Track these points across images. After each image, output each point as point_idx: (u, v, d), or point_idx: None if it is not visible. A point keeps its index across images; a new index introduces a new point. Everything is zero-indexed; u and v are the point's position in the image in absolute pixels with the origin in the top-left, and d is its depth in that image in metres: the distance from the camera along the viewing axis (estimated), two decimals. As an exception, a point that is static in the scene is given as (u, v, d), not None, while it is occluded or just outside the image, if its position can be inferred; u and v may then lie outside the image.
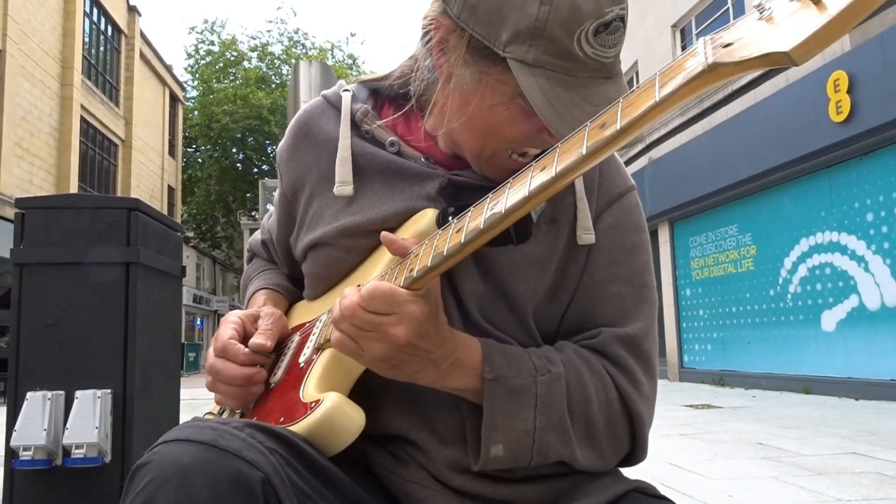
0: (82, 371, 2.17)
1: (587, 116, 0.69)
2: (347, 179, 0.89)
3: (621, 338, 0.84)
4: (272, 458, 0.65)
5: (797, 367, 9.16)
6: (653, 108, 0.54)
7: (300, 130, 0.98)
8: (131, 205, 2.28)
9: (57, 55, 17.66)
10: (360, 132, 0.92)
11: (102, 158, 20.93)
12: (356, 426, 0.75)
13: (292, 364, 0.88)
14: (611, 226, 0.89)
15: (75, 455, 2.06)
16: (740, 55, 0.48)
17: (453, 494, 0.80)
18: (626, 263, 0.88)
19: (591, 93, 0.74)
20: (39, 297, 2.18)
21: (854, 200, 8.27)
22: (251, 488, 0.61)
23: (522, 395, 0.75)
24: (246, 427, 0.67)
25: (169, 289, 2.59)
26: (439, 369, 0.73)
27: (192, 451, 0.61)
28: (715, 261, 11.32)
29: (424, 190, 0.86)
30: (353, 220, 0.88)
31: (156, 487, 0.59)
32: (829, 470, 3.84)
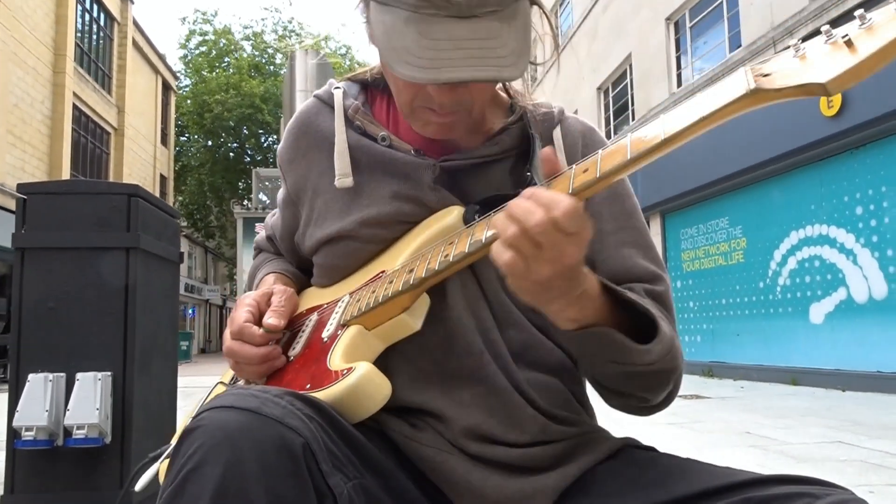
0: (83, 354, 2.21)
1: (419, 49, 0.73)
2: (347, 171, 0.93)
3: (652, 293, 0.90)
4: (310, 424, 0.67)
5: (785, 358, 9.27)
6: (697, 123, 0.61)
7: (298, 131, 1.01)
8: (131, 191, 2.32)
9: (49, 42, 17.53)
10: (354, 127, 0.96)
11: (94, 146, 20.83)
12: (383, 395, 0.78)
13: (313, 339, 0.91)
14: (607, 196, 0.95)
15: (76, 435, 2.10)
16: (780, 83, 0.56)
17: (468, 459, 0.84)
18: (631, 226, 0.95)
19: (430, 29, 0.74)
20: (40, 281, 2.21)
21: (844, 194, 8.36)
22: (294, 453, 0.63)
23: (664, 337, 0.80)
24: (285, 395, 0.70)
25: (167, 274, 2.63)
26: (570, 298, 0.73)
27: (238, 417, 0.63)
28: (706, 253, 11.41)
29: (421, 180, 0.90)
30: (370, 212, 0.91)
31: (206, 451, 0.61)
32: (815, 458, 3.92)
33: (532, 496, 0.82)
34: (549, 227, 0.65)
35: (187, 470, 0.61)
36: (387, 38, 0.76)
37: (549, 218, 0.65)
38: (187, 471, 0.61)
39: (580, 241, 0.68)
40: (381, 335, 0.86)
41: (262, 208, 15.38)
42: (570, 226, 0.66)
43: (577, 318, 0.76)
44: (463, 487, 0.83)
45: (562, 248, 0.67)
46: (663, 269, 0.95)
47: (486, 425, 0.85)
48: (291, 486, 0.63)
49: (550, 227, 0.65)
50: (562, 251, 0.67)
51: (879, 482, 3.25)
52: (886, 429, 4.95)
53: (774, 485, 0.69)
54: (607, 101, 16.00)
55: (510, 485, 0.82)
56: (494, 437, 0.86)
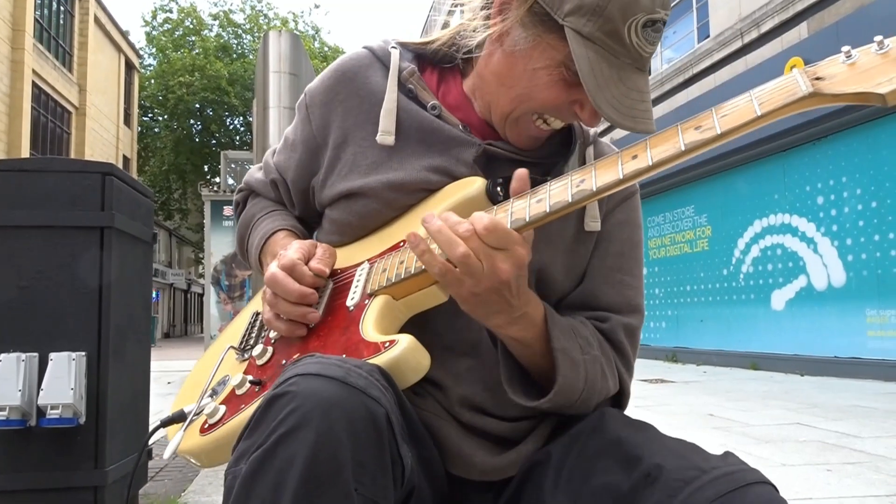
0: (56, 334, 2.17)
1: (621, 95, 0.81)
2: (391, 129, 0.94)
3: (625, 326, 0.96)
4: (387, 395, 0.70)
5: (747, 344, 9.52)
6: (752, 121, 0.64)
7: (344, 76, 1.00)
8: (105, 169, 2.27)
9: (7, 17, 16.97)
10: (405, 90, 0.97)
11: (55, 125, 20.28)
12: (424, 366, 0.80)
13: (336, 307, 0.91)
14: (622, 221, 1.00)
15: (50, 415, 2.07)
16: (838, 90, 0.59)
17: (461, 428, 0.90)
18: (632, 256, 1.00)
19: (627, 76, 0.83)
20: (12, 261, 2.17)
21: (806, 184, 8.57)
22: (378, 423, 0.65)
23: (577, 368, 0.85)
24: (364, 365, 0.72)
25: (141, 255, 2.59)
26: (511, 316, 0.80)
27: (327, 386, 0.65)
28: (672, 240, 11.61)
29: (461, 156, 0.92)
30: (397, 176, 0.93)
31: (301, 416, 0.63)
32: (775, 438, 4.05)
33: (513, 463, 0.88)
34: (475, 238, 0.75)
35: (280, 434, 0.63)
36: (593, 76, 0.81)
37: (471, 230, 0.75)
38: (280, 434, 0.63)
39: (511, 259, 0.75)
40: (409, 304, 0.87)
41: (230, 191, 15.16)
42: (494, 241, 0.74)
43: (518, 337, 0.83)
44: (454, 454, 0.88)
45: (493, 262, 0.74)
46: (642, 303, 1.01)
47: (479, 397, 0.90)
48: (374, 455, 0.65)
49: (475, 238, 0.75)
50: (493, 265, 0.75)
51: (836, 461, 3.38)
52: (842, 411, 5.13)
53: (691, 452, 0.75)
54: (577, 89, 16.10)
55: (497, 458, 0.88)
56: (486, 408, 0.91)
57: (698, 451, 0.75)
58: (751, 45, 9.24)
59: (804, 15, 8.34)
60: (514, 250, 0.75)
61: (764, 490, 0.67)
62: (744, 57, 9.35)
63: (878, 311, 7.51)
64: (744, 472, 0.69)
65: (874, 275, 7.57)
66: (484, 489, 0.90)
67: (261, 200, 1.15)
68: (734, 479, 0.67)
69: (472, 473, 0.89)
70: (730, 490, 0.66)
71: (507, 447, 0.90)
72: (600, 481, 0.75)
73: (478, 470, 0.88)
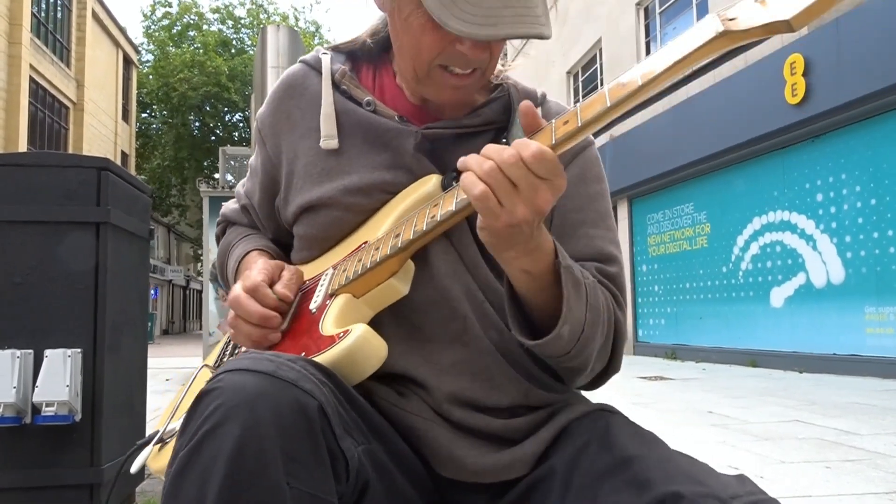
0: (52, 330, 2.16)
1: (472, 7, 0.76)
2: (332, 133, 0.94)
3: (599, 270, 0.93)
4: (323, 388, 0.68)
5: (746, 341, 9.52)
6: (672, 67, 0.63)
7: (283, 93, 1.02)
8: (101, 164, 2.26)
9: (4, 11, 16.91)
10: (340, 91, 0.97)
11: (53, 121, 20.23)
12: (380, 356, 0.79)
13: (301, 312, 0.91)
14: (576, 176, 0.97)
15: (46, 413, 2.06)
16: (746, 25, 0.59)
17: (451, 428, 0.86)
18: (592, 209, 0.98)
19: None
20: (6, 256, 2.15)
21: (805, 181, 8.56)
22: (309, 415, 0.64)
23: (580, 288, 0.81)
24: (298, 360, 0.71)
25: (137, 250, 2.57)
26: (527, 247, 0.76)
27: (254, 380, 0.64)
28: (671, 238, 11.60)
29: (402, 146, 0.92)
30: (352, 180, 0.92)
31: (225, 412, 0.62)
32: (773, 436, 4.05)
33: (511, 465, 0.84)
34: (521, 165, 0.69)
35: (204, 431, 0.62)
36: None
37: (519, 155, 0.69)
38: (204, 431, 0.62)
39: (553, 188, 0.71)
40: (370, 301, 0.87)
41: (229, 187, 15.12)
42: (539, 168, 0.69)
43: (528, 268, 0.79)
44: (445, 457, 0.85)
45: (536, 190, 0.70)
46: (619, 252, 0.98)
47: (468, 391, 0.87)
48: (306, 448, 0.64)
49: (522, 164, 0.69)
50: (536, 193, 0.70)
51: (835, 458, 3.37)
52: (841, 408, 5.13)
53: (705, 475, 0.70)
54: (577, 86, 16.07)
55: (489, 458, 0.84)
56: (476, 402, 0.87)
57: (714, 476, 0.71)
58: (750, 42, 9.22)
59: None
60: (556, 180, 0.71)
61: None
62: (743, 54, 9.32)
63: (876, 309, 7.51)
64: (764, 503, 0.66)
65: (873, 272, 7.57)
66: (479, 490, 0.86)
67: (237, 228, 1.16)
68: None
69: (463, 475, 0.84)
70: None
71: (501, 446, 0.86)
72: (610, 502, 0.72)
73: (469, 471, 0.84)
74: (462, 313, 0.89)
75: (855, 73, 7.30)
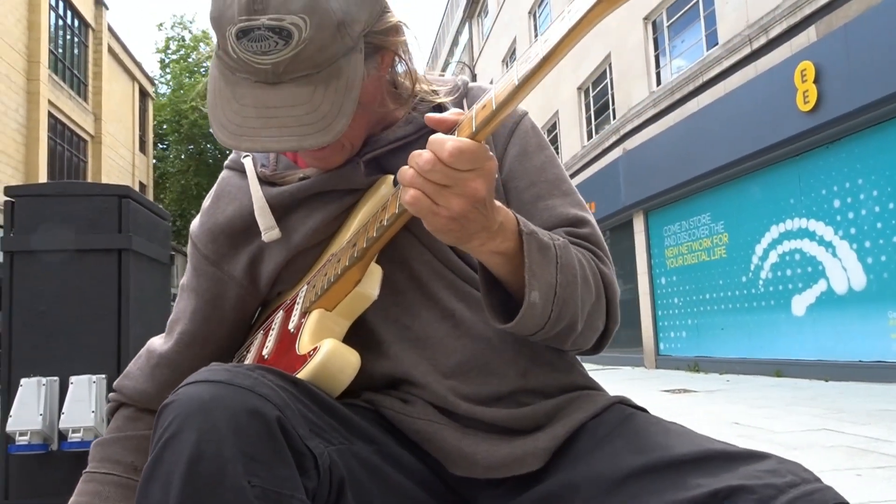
0: (76, 357, 2.19)
1: (231, 114, 0.78)
2: (271, 224, 0.95)
3: (575, 234, 0.93)
4: (282, 393, 0.71)
5: (769, 351, 9.39)
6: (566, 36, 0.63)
7: (217, 199, 1.02)
8: (122, 192, 2.30)
9: (22, 49, 17.29)
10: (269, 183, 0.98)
11: (71, 154, 20.57)
12: (353, 366, 0.83)
13: (282, 333, 0.94)
14: (517, 153, 0.98)
15: (72, 439, 2.08)
16: None
17: (458, 427, 0.86)
18: (544, 180, 0.97)
19: (242, 92, 0.79)
20: (31, 285, 2.19)
21: (822, 188, 8.49)
22: (266, 417, 0.66)
23: (548, 251, 0.80)
24: (257, 369, 0.73)
25: (159, 276, 2.61)
26: (490, 231, 0.76)
27: (210, 388, 0.67)
28: (689, 249, 11.52)
29: (352, 179, 0.93)
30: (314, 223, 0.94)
31: (182, 421, 0.65)
32: (802, 445, 3.98)
33: (522, 459, 0.83)
34: (440, 167, 0.69)
35: (164, 439, 0.65)
36: (212, 95, 0.81)
37: (435, 158, 0.69)
38: (164, 440, 0.65)
39: (483, 175, 0.71)
40: (343, 312, 0.89)
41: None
42: (458, 163, 0.69)
43: (500, 249, 0.79)
44: (456, 455, 0.85)
45: (465, 182, 0.70)
46: (586, 211, 0.97)
47: (466, 382, 0.88)
48: (266, 448, 0.66)
49: (441, 166, 0.69)
50: (466, 184, 0.70)
51: (866, 465, 3.30)
52: (870, 415, 5.03)
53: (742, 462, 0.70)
54: (588, 101, 16.11)
55: (500, 450, 0.84)
56: (478, 393, 0.88)
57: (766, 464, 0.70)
58: (760, 51, 9.21)
59: (812, 18, 8.30)
60: (484, 166, 0.71)
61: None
62: (753, 63, 9.31)
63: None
64: (823, 492, 0.66)
65: (895, 276, 7.46)
66: (494, 486, 0.86)
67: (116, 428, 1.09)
68: (814, 500, 0.64)
69: (476, 471, 0.84)
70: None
71: (510, 438, 0.85)
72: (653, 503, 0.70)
73: (481, 467, 0.84)
74: (451, 310, 0.90)
75: (866, 78, 7.25)
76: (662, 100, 11.76)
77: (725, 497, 0.66)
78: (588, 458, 0.81)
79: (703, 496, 0.67)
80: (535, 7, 19.13)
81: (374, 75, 0.88)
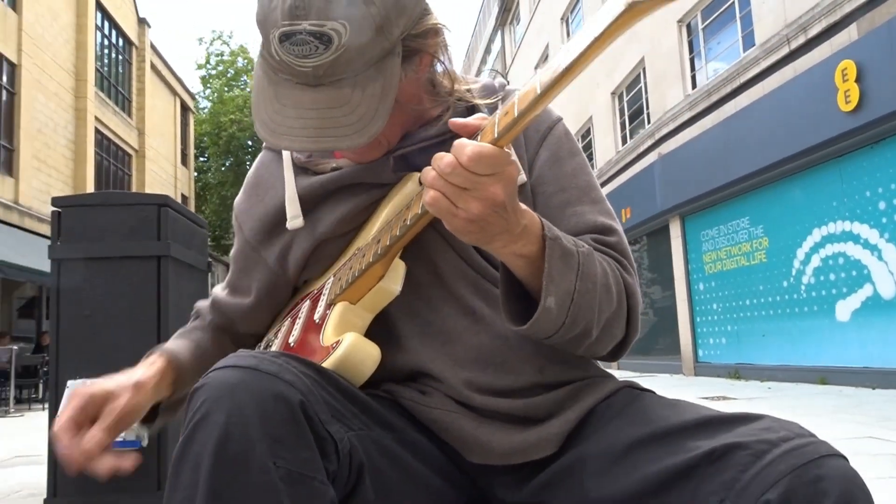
0: (118, 359, 2.26)
1: (272, 113, 0.82)
2: (296, 213, 0.99)
3: (602, 242, 0.94)
4: (306, 380, 0.74)
5: (813, 358, 9.15)
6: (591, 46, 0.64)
7: (255, 181, 1.07)
8: (160, 201, 2.38)
9: (70, 68, 17.93)
10: (307, 172, 1.01)
11: (117, 168, 21.20)
12: (373, 359, 0.86)
13: (308, 323, 0.97)
14: (548, 158, 0.99)
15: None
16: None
17: (475, 416, 0.89)
18: (574, 186, 0.98)
19: (283, 93, 0.83)
20: (76, 291, 2.28)
21: (865, 189, 8.27)
22: (290, 402, 0.69)
23: (570, 258, 0.82)
24: (281, 356, 0.76)
25: (196, 282, 2.69)
26: (513, 234, 0.78)
27: (237, 374, 0.70)
28: (727, 254, 11.32)
29: (381, 176, 0.96)
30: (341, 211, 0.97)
31: (211, 404, 0.68)
32: (846, 452, 3.85)
33: (537, 444, 0.86)
34: (460, 170, 0.72)
35: (195, 421, 0.68)
36: (255, 93, 0.84)
37: (455, 161, 0.72)
38: (195, 422, 0.68)
39: (503, 180, 0.73)
40: (366, 306, 0.92)
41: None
42: (478, 167, 0.72)
43: (523, 252, 0.81)
44: (472, 443, 0.88)
45: (485, 186, 0.72)
46: (614, 220, 0.98)
47: (483, 377, 0.90)
48: (289, 431, 0.69)
49: (461, 169, 0.72)
50: (485, 188, 0.73)
51: (912, 473, 3.21)
52: (918, 423, 4.88)
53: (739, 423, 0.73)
54: (622, 106, 15.99)
55: (515, 437, 0.86)
56: (493, 386, 0.90)
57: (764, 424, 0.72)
58: (798, 51, 9.04)
59: (853, 16, 8.11)
60: (504, 171, 0.73)
61: (837, 463, 0.66)
62: (792, 63, 9.14)
63: (952, 318, 7.15)
64: (815, 445, 0.68)
65: (945, 280, 7.23)
66: (509, 472, 0.88)
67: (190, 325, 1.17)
68: (806, 451, 0.66)
69: (493, 458, 0.87)
70: (803, 463, 0.65)
71: (525, 427, 0.88)
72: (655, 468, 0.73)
73: (497, 454, 0.86)
74: (471, 306, 0.92)
75: (911, 76, 7.07)
76: (698, 103, 11.62)
77: (721, 455, 0.69)
78: (595, 435, 0.84)
79: (700, 456, 0.70)
80: (567, 13, 19.09)
81: (411, 76, 0.91)
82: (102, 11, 20.21)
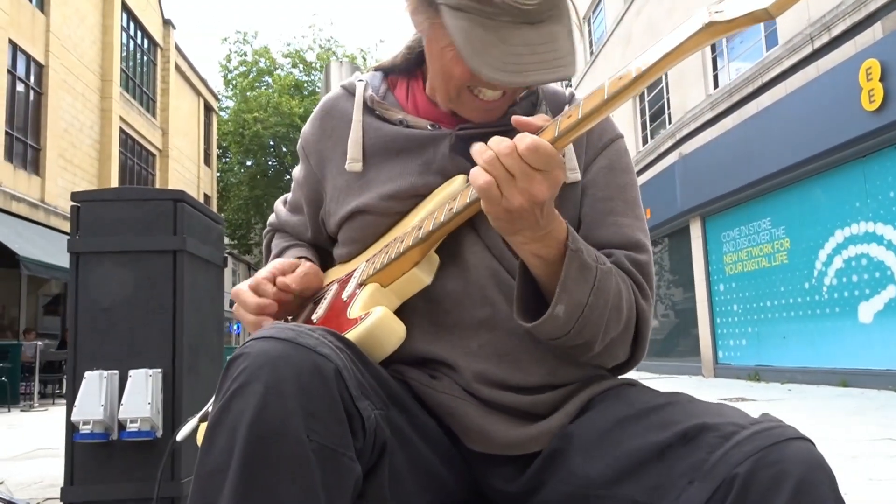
0: (134, 352, 2.32)
1: (503, 55, 0.83)
2: (357, 157, 1.02)
3: (628, 258, 0.96)
4: (341, 354, 0.75)
5: (834, 360, 9.02)
6: (664, 59, 0.68)
7: (325, 114, 1.11)
8: (177, 196, 2.43)
9: (97, 69, 18.22)
10: (374, 115, 1.04)
11: (141, 168, 21.50)
12: (398, 336, 0.87)
13: (335, 301, 0.99)
14: (604, 167, 1.02)
15: (130, 429, 2.21)
16: (731, 16, 0.64)
17: (481, 405, 0.91)
18: (622, 199, 1.01)
19: (509, 34, 0.84)
20: (94, 284, 2.34)
21: (889, 189, 8.14)
22: (326, 376, 0.71)
23: (588, 272, 0.85)
24: (318, 329, 0.78)
25: (212, 277, 2.74)
26: (536, 234, 0.81)
27: (277, 345, 0.71)
28: (748, 255, 11.20)
29: (437, 150, 0.98)
30: (386, 188, 1.00)
31: (251, 373, 0.69)
32: (865, 453, 3.84)
33: (537, 438, 0.88)
34: (516, 155, 0.75)
35: (233, 389, 0.69)
36: (468, 44, 0.84)
37: (514, 146, 0.75)
38: (233, 390, 0.69)
39: (550, 180, 0.77)
40: (396, 290, 0.94)
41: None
42: (533, 159, 0.75)
43: (541, 254, 0.84)
44: (474, 431, 0.90)
45: (531, 181, 0.76)
46: (647, 240, 1.01)
47: (495, 371, 0.92)
48: (324, 406, 0.70)
49: (517, 155, 0.75)
50: (531, 184, 0.76)
51: (930, 476, 3.17)
52: (940, 426, 4.80)
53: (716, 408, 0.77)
54: (643, 106, 15.89)
55: (517, 431, 0.89)
56: (503, 381, 0.92)
57: (736, 410, 0.77)
58: (822, 50, 8.92)
59: (878, 15, 7.99)
60: (553, 172, 0.76)
61: (802, 445, 0.69)
62: (815, 62, 9.02)
63: (978, 321, 7.01)
64: (782, 428, 0.70)
65: (972, 282, 7.09)
66: (506, 463, 0.90)
67: (284, 235, 1.23)
68: (772, 434, 0.69)
69: (493, 448, 0.89)
70: (768, 445, 0.68)
71: (529, 421, 0.90)
72: (633, 445, 0.77)
73: (498, 444, 0.89)
74: (491, 300, 0.94)
75: (937, 74, 6.94)
76: (720, 102, 11.50)
77: (694, 436, 0.72)
78: (583, 418, 0.87)
79: (674, 436, 0.74)
80: (589, 12, 19.01)
81: None
82: (128, 13, 20.51)
